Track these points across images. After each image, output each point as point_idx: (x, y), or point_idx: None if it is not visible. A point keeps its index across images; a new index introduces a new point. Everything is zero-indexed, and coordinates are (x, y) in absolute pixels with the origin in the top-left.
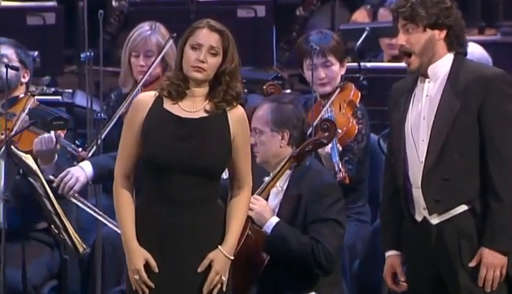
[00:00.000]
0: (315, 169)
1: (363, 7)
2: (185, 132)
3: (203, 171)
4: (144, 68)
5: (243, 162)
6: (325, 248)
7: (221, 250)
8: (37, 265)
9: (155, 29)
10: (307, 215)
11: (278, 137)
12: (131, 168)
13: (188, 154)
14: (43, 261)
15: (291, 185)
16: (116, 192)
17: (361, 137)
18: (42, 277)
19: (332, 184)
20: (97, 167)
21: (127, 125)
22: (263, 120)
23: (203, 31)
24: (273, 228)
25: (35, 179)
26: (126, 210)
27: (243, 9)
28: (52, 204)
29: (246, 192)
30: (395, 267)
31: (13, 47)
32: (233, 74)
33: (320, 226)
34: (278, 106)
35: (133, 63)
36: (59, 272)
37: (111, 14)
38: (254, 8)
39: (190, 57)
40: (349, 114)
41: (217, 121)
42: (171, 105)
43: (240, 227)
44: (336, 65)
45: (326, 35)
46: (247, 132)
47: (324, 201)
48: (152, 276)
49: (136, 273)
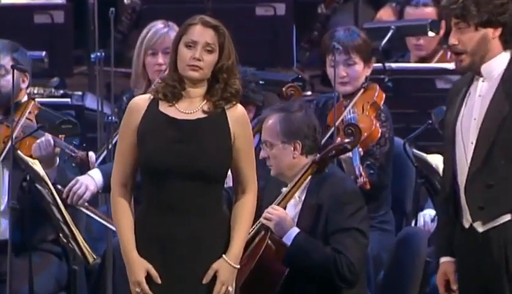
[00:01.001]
0: (335, 176)
1: (388, 4)
2: (181, 134)
3: (202, 175)
4: (163, 66)
5: (246, 164)
6: (348, 259)
7: (225, 259)
8: (45, 277)
9: (172, 27)
10: (328, 224)
11: (290, 148)
12: (128, 175)
13: (185, 157)
14: (51, 273)
15: (310, 194)
16: (114, 201)
17: (384, 141)
18: (50, 289)
19: (354, 191)
20: (106, 175)
21: (122, 131)
22: (272, 133)
23: (197, 28)
24: (293, 239)
25: (43, 185)
26: (124, 220)
27: (262, 7)
28: (61, 211)
29: (251, 196)
30: (448, 275)
31: (9, 53)
32: (231, 70)
33: (341, 236)
34: (286, 116)
35: (149, 62)
36: (67, 283)
37: (122, 12)
38: (273, 6)
39: (185, 55)
40: (372, 116)
41: (215, 121)
42: (167, 107)
43: (246, 233)
44: (360, 64)
45: (353, 33)
46: (248, 132)
47: (346, 209)
48: (155, 288)
49: (137, 285)
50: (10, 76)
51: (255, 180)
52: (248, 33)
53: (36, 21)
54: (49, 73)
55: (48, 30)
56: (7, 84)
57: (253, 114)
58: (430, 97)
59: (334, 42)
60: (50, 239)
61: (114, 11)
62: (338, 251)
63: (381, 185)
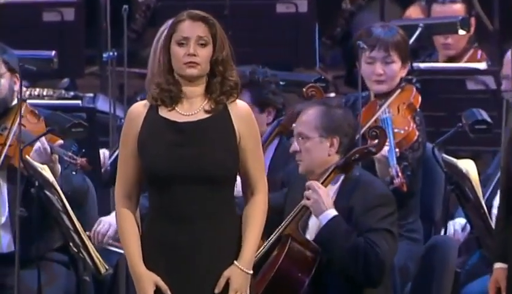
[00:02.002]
0: (366, 180)
1: (417, 2)
2: (183, 138)
3: (209, 180)
4: None
5: (254, 164)
6: (379, 256)
7: (237, 265)
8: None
9: None
10: (358, 227)
11: (327, 144)
12: (132, 187)
13: (189, 162)
14: (60, 285)
15: (341, 198)
16: (118, 214)
17: (417, 146)
18: None
19: (386, 194)
20: None
21: (122, 141)
22: (310, 125)
23: (186, 23)
24: (329, 220)
25: (52, 192)
26: (130, 233)
27: (282, 4)
28: (71, 219)
29: (261, 196)
30: (499, 282)
31: None
32: (227, 62)
33: (372, 235)
34: (327, 110)
35: None
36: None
37: (136, 9)
38: (295, 2)
39: (179, 54)
40: (408, 117)
41: (218, 121)
42: (167, 111)
43: (258, 237)
44: (397, 63)
45: (392, 29)
46: (254, 130)
47: (377, 212)
48: None
49: None
50: (3, 80)
51: (265, 180)
52: (269, 32)
53: (45, 19)
54: (59, 74)
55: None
56: (2, 90)
57: (272, 117)
58: (460, 99)
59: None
60: (56, 247)
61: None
62: (370, 245)
63: (411, 192)
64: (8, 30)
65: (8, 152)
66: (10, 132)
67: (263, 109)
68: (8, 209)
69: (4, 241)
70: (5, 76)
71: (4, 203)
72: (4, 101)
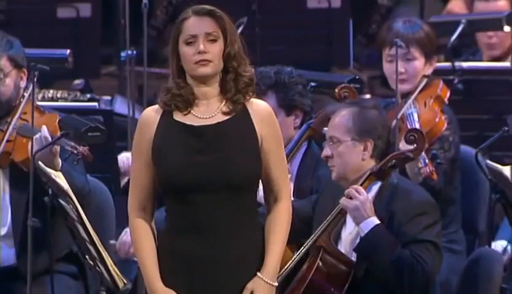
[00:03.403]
0: (405, 187)
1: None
2: (202, 143)
3: (231, 186)
4: None
5: (277, 168)
6: (426, 270)
7: (260, 276)
8: None
9: None
10: (399, 237)
11: (360, 148)
12: (146, 198)
13: (209, 168)
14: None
15: (379, 207)
16: (132, 227)
17: (448, 145)
18: None
19: (429, 202)
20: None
21: (135, 150)
22: (342, 128)
23: (191, 20)
24: (371, 229)
25: (67, 201)
26: (145, 247)
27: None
28: (87, 230)
29: (284, 203)
30: None
31: (5, 52)
32: (240, 56)
33: (416, 248)
34: (360, 112)
35: None
36: None
37: (157, 5)
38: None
39: (189, 54)
40: (436, 108)
41: (238, 123)
42: (183, 115)
43: (282, 246)
44: (420, 60)
45: (414, 25)
46: (276, 131)
47: (420, 221)
48: None
49: None
50: (8, 79)
51: (288, 185)
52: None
53: (59, 15)
54: (74, 74)
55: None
56: (6, 90)
57: (300, 120)
58: (506, 101)
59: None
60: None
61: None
62: (416, 259)
63: (449, 199)
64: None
65: (7, 148)
66: (9, 127)
67: (289, 112)
68: (11, 218)
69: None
70: (11, 75)
71: (6, 210)
72: (9, 102)
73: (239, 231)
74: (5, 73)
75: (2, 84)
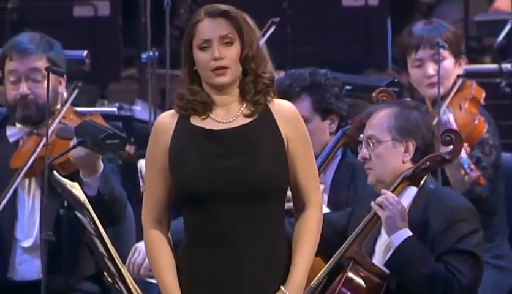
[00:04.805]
0: (442, 193)
1: None
2: (223, 148)
3: (256, 193)
4: None
5: (305, 173)
6: (462, 284)
7: (284, 291)
8: None
9: None
10: (435, 246)
11: (401, 149)
12: (162, 210)
13: (231, 174)
14: None
15: (414, 213)
16: (148, 242)
17: (489, 149)
18: None
19: (468, 208)
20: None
21: (149, 158)
22: (381, 127)
23: (204, 23)
24: (403, 241)
25: (84, 213)
26: (164, 263)
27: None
28: (106, 245)
29: (314, 211)
30: None
31: (43, 52)
32: (259, 57)
33: (453, 259)
34: (402, 111)
35: None
36: None
37: (180, 3)
38: None
39: (204, 60)
40: (473, 110)
41: (261, 124)
42: (201, 120)
43: (310, 258)
44: (450, 59)
45: (439, 26)
46: (303, 133)
47: (458, 228)
48: None
49: None
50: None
51: (319, 192)
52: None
53: (76, 14)
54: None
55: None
56: (44, 93)
57: (335, 126)
58: None
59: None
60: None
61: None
62: (452, 272)
63: (494, 208)
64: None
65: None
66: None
67: (325, 117)
68: (38, 229)
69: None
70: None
71: (34, 221)
72: (45, 105)
73: (265, 245)
74: (44, 75)
75: (39, 86)
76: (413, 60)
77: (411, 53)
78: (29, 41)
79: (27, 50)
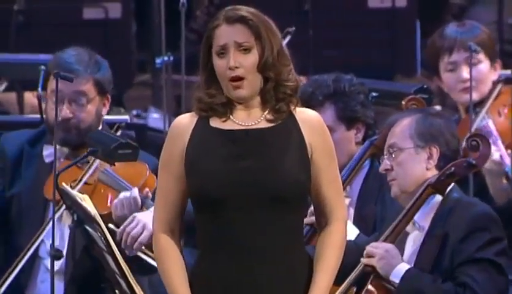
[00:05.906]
0: (466, 201)
1: None
2: (242, 149)
3: (275, 198)
4: None
5: (329, 185)
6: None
7: None
8: None
9: None
10: (455, 257)
11: (425, 155)
12: (175, 219)
13: (249, 175)
14: None
15: (436, 224)
16: (159, 252)
17: None
18: None
19: (490, 216)
20: None
21: (164, 162)
22: (403, 134)
23: (222, 28)
24: (403, 277)
25: (94, 227)
26: (177, 275)
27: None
28: (117, 261)
29: (337, 226)
30: None
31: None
32: (280, 63)
33: (470, 268)
34: (425, 117)
35: None
36: None
37: (197, 5)
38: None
39: (221, 67)
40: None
41: (284, 129)
42: (221, 122)
43: (332, 274)
44: (485, 63)
45: (473, 27)
46: (329, 144)
47: (478, 237)
48: None
49: None
50: (91, 106)
51: (343, 206)
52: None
53: (86, 16)
54: None
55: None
56: (87, 117)
57: (362, 135)
58: None
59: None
60: None
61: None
62: (464, 285)
63: None
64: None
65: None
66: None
67: (350, 126)
68: (66, 253)
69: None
70: (94, 101)
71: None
72: (88, 130)
73: (285, 256)
74: (89, 98)
75: (83, 110)
76: (446, 64)
77: (444, 56)
78: (76, 61)
79: (74, 72)
